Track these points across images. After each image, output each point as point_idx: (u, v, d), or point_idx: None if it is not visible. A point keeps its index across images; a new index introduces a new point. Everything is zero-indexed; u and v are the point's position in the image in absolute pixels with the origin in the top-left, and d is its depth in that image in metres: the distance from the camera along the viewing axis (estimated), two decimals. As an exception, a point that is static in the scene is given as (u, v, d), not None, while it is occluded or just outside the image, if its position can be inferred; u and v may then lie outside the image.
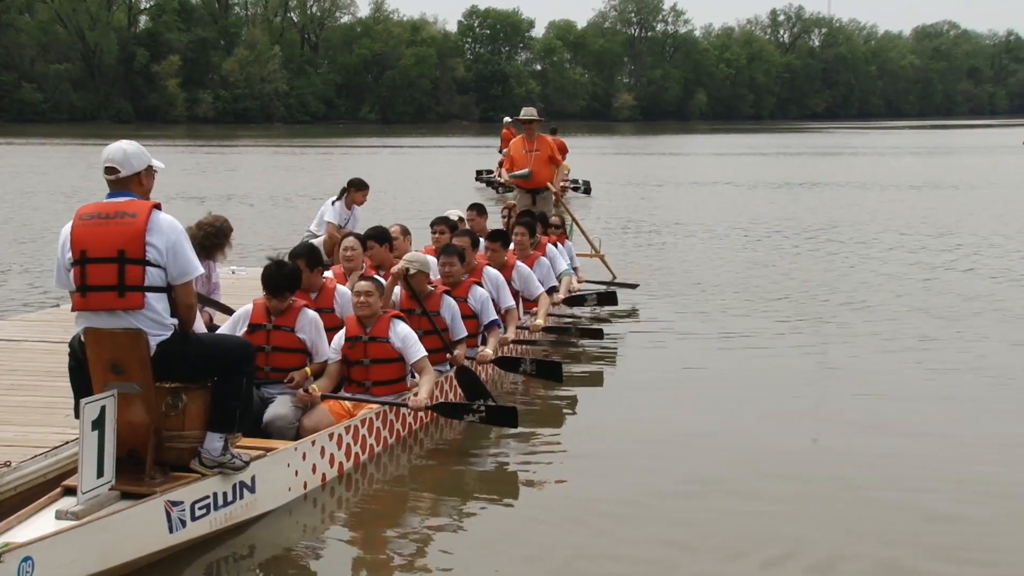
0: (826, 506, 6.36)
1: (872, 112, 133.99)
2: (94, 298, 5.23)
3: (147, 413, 5.35)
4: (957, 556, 5.70)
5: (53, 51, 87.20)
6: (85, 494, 5.02)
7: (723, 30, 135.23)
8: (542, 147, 13.80)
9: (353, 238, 8.79)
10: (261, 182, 32.18)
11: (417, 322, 7.84)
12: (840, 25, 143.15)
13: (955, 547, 5.80)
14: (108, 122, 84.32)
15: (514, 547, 5.79)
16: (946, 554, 5.71)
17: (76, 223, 5.30)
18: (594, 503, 6.34)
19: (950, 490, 6.62)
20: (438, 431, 7.79)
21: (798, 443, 7.65)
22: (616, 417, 8.30)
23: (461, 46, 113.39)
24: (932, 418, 8.26)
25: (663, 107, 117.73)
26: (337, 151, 52.41)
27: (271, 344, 6.97)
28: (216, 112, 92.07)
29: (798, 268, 15.88)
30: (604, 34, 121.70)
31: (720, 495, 6.54)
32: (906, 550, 5.73)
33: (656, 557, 5.63)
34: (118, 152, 5.38)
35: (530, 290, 10.10)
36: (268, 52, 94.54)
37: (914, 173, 37.46)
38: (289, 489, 6.18)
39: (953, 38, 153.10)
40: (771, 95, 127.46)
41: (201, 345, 5.54)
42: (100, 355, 5.27)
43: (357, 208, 12.01)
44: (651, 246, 18.66)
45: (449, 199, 21.07)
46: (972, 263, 16.40)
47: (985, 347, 10.57)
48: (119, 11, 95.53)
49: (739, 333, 11.25)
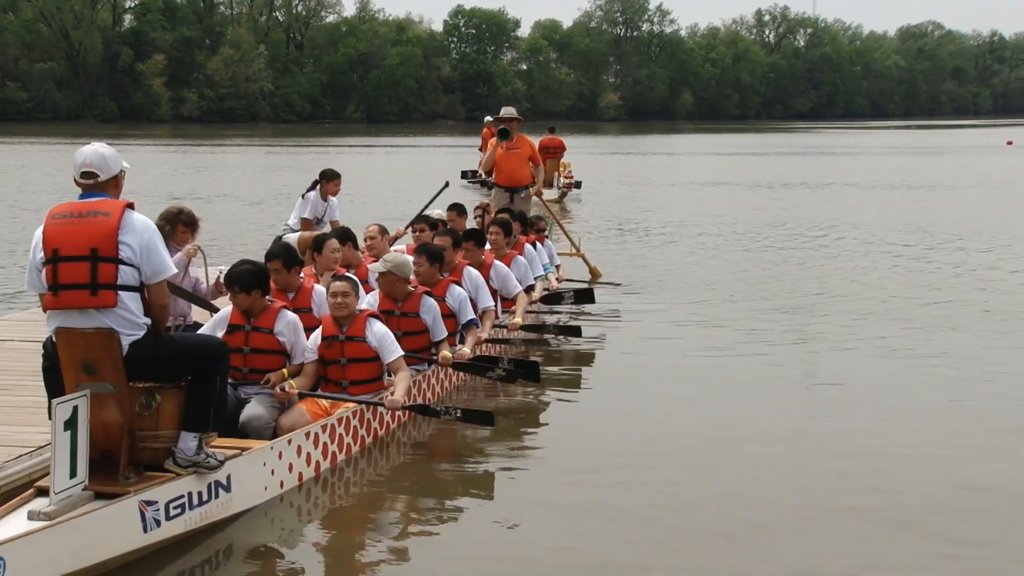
0: (813, 504, 6.36)
1: (857, 112, 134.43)
2: (66, 296, 5.21)
3: (121, 413, 5.33)
4: (949, 553, 5.72)
5: (37, 50, 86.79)
6: (58, 494, 5.01)
7: (709, 30, 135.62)
8: (522, 146, 13.87)
9: (335, 240, 8.75)
10: (247, 181, 32.13)
11: (396, 323, 7.84)
12: (825, 25, 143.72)
13: (949, 548, 5.80)
14: (93, 121, 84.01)
15: (492, 545, 5.81)
16: (938, 554, 5.72)
17: (49, 222, 5.28)
18: (571, 502, 6.35)
19: (942, 492, 6.58)
20: (416, 430, 7.79)
21: (783, 442, 7.63)
22: (594, 417, 8.32)
23: (447, 45, 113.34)
24: (919, 415, 8.25)
25: (649, 107, 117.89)
26: (324, 150, 52.32)
27: (249, 345, 6.96)
28: (201, 111, 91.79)
29: (784, 268, 15.91)
30: (590, 34, 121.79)
31: (702, 495, 6.54)
32: (894, 551, 5.72)
33: (637, 556, 5.64)
34: (96, 156, 5.36)
35: (508, 289, 10.10)
36: (253, 51, 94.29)
37: (907, 173, 37.50)
38: (265, 488, 6.17)
39: (937, 39, 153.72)
40: (756, 95, 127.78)
41: (175, 344, 5.54)
42: (72, 355, 5.25)
43: (333, 199, 12.07)
44: (635, 245, 18.71)
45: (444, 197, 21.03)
46: (976, 263, 16.29)
47: (991, 354, 10.36)
48: (103, 10, 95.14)
49: (723, 332, 11.24)
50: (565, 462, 7.15)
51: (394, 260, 8.11)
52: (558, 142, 27.91)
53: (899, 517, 6.15)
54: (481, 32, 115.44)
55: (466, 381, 8.86)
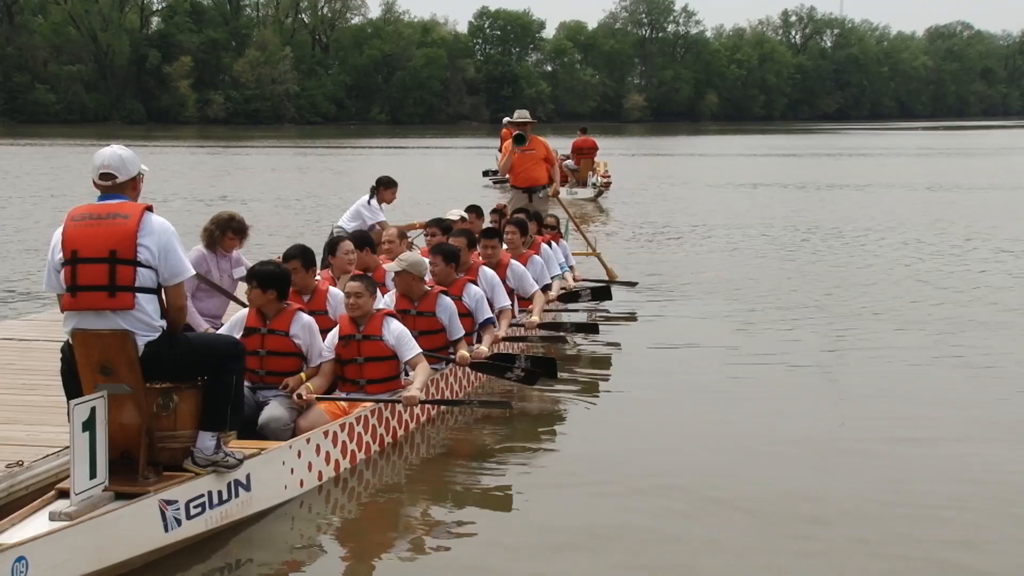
0: (832, 508, 6.30)
1: (884, 113, 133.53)
2: (84, 298, 5.26)
3: (138, 414, 5.37)
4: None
5: (66, 52, 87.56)
6: (78, 495, 5.05)
7: (734, 31, 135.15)
8: (536, 148, 14.01)
9: (349, 242, 8.77)
10: (274, 183, 32.26)
11: (413, 322, 7.88)
12: (852, 26, 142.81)
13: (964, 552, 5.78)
14: (120, 123, 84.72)
15: (507, 550, 5.80)
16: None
17: (68, 224, 5.33)
18: (589, 504, 6.35)
19: (984, 520, 6.38)
20: (434, 429, 7.83)
21: (803, 449, 7.52)
22: (613, 419, 8.29)
23: (471, 47, 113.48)
24: (950, 427, 8.07)
25: (674, 108, 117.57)
26: (348, 152, 52.51)
27: (266, 348, 6.99)
28: (227, 113, 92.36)
29: (808, 269, 15.77)
30: (615, 35, 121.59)
31: (721, 501, 6.47)
32: (919, 560, 5.68)
33: (653, 562, 5.63)
34: (115, 158, 5.41)
35: (525, 288, 10.10)
36: (279, 53, 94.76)
37: (944, 174, 37.09)
38: (285, 487, 6.20)
39: (967, 39, 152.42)
40: (782, 96, 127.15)
41: (190, 344, 5.57)
42: (89, 357, 5.29)
43: (385, 206, 12.19)
44: (659, 245, 18.68)
45: (457, 199, 21.10)
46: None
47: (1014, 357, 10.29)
48: (131, 12, 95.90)
49: (748, 334, 11.19)
50: (584, 464, 7.13)
51: (409, 259, 8.15)
52: (591, 142, 29.22)
53: (931, 539, 5.96)
54: (506, 33, 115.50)
55: (483, 381, 8.87)
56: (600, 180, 27.51)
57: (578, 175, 28.18)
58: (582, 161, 28.58)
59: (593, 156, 28.72)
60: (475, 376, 8.74)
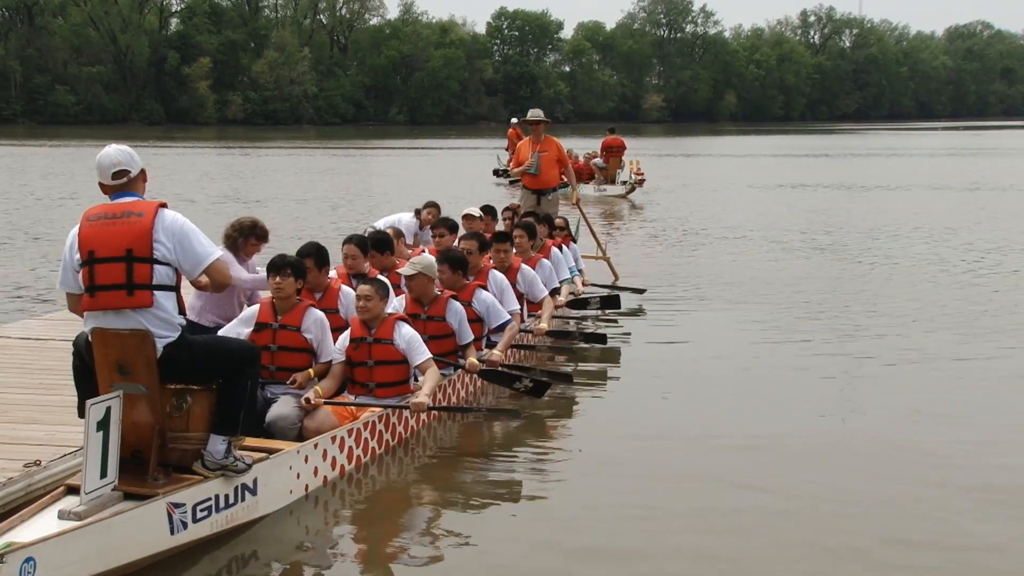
0: (842, 515, 6.27)
1: (903, 113, 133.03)
2: (103, 297, 5.30)
3: (152, 414, 5.41)
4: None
5: (85, 54, 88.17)
6: (88, 494, 5.09)
7: (753, 31, 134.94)
8: (549, 148, 13.84)
9: (354, 245, 8.78)
10: (293, 184, 32.34)
11: (423, 327, 7.91)
12: (871, 26, 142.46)
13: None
14: (139, 124, 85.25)
15: (515, 550, 5.81)
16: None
17: (84, 224, 5.38)
18: (596, 507, 6.36)
19: (973, 501, 6.46)
20: (442, 429, 7.84)
21: (813, 457, 7.42)
22: (620, 423, 8.27)
23: (489, 48, 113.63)
24: (963, 432, 7.98)
25: (692, 108, 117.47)
26: (367, 153, 52.60)
27: (277, 343, 7.05)
28: (246, 114, 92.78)
29: (824, 273, 15.61)
30: (633, 35, 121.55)
31: (734, 504, 6.44)
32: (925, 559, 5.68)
33: (661, 563, 5.64)
34: (123, 154, 5.48)
35: (534, 292, 10.08)
36: (297, 54, 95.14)
37: (971, 175, 36.76)
38: (290, 491, 6.24)
39: (987, 38, 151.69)
40: (801, 96, 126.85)
41: (207, 347, 5.61)
42: (107, 355, 5.34)
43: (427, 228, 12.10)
44: (677, 246, 18.61)
45: (471, 199, 21.15)
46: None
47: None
48: (150, 14, 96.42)
49: (753, 339, 11.14)
50: (591, 467, 7.14)
51: (422, 262, 8.18)
52: (619, 141, 30.57)
53: (945, 540, 5.94)
54: (524, 34, 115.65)
55: (491, 387, 8.86)
56: (634, 177, 28.38)
57: (606, 172, 29.58)
58: (611, 159, 29.84)
59: (621, 155, 30.05)
60: (482, 381, 8.75)
